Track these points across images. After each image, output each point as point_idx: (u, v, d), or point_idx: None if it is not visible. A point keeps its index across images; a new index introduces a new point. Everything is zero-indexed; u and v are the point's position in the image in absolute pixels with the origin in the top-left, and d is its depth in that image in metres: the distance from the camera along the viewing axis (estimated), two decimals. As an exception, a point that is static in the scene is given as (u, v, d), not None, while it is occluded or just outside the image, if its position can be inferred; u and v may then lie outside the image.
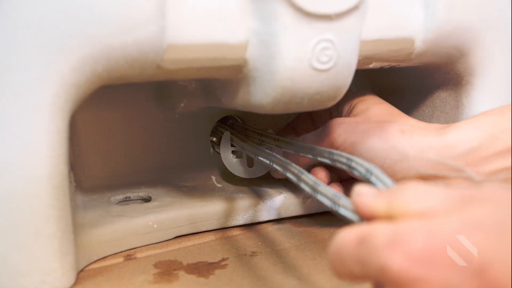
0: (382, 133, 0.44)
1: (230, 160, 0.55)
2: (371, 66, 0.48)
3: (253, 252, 0.47)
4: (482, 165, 0.41)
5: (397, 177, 0.43)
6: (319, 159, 0.42)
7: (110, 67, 0.36)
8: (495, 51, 0.50)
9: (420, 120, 0.55)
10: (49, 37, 0.34)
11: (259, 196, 0.53)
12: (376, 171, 0.33)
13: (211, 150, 0.58)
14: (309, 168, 0.49)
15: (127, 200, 0.53)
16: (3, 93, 0.35)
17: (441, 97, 0.54)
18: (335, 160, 0.40)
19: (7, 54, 0.35)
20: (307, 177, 0.39)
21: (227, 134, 0.54)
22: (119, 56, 0.36)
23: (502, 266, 0.22)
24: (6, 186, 0.36)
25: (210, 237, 0.50)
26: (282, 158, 0.43)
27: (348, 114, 0.49)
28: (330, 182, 0.49)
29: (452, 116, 0.52)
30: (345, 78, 0.40)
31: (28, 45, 0.34)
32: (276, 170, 0.53)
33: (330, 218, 0.53)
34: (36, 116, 0.35)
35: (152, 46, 0.36)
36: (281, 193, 0.54)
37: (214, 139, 0.58)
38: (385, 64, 0.48)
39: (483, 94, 0.51)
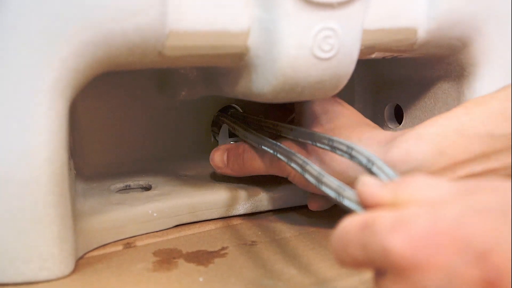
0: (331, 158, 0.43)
1: None
2: (373, 56, 0.48)
3: (253, 241, 0.47)
4: None
5: None
6: (318, 145, 0.42)
7: (111, 52, 0.36)
8: (497, 42, 0.50)
9: (422, 112, 0.55)
10: (50, 21, 0.34)
11: (260, 186, 0.53)
12: (378, 161, 0.33)
13: (212, 139, 0.58)
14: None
15: (127, 189, 0.53)
16: (3, 78, 0.35)
17: (443, 88, 0.53)
18: (335, 148, 0.39)
19: (7, 37, 0.34)
20: (312, 167, 0.38)
21: (224, 127, 0.54)
22: (120, 41, 0.36)
23: (504, 251, 0.22)
24: (6, 171, 0.36)
25: (210, 226, 0.50)
26: (286, 148, 0.43)
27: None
28: None
29: (454, 108, 0.52)
30: (347, 67, 0.40)
31: (29, 29, 0.34)
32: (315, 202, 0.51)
33: (331, 208, 0.53)
34: (36, 101, 0.35)
35: (154, 32, 0.36)
36: (282, 183, 0.54)
37: (215, 128, 0.58)
38: (387, 54, 0.48)
39: (485, 86, 0.51)
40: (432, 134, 0.39)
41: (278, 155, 0.44)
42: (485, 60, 0.50)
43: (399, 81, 0.57)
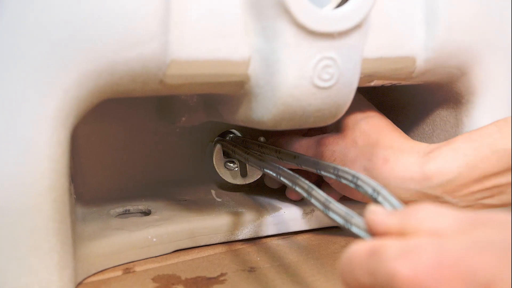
0: (368, 163, 0.47)
1: (225, 171, 0.56)
2: (372, 84, 0.48)
3: (252, 267, 0.47)
4: (459, 191, 0.44)
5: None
6: (324, 173, 0.42)
7: (113, 81, 0.36)
8: (495, 70, 0.51)
9: (420, 138, 0.55)
10: (52, 51, 0.35)
11: (260, 211, 0.53)
12: (383, 191, 0.34)
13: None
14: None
15: (126, 213, 0.53)
16: (5, 106, 0.35)
17: (441, 116, 0.54)
18: (340, 176, 0.39)
19: (10, 67, 0.35)
20: (318, 193, 0.38)
21: (218, 147, 0.55)
22: (122, 71, 0.36)
23: (507, 283, 0.22)
24: (7, 199, 0.36)
25: (209, 251, 0.50)
26: (291, 172, 0.42)
27: (336, 124, 0.50)
28: None
29: (452, 135, 0.52)
30: (346, 96, 0.40)
31: (32, 59, 0.35)
32: (293, 191, 0.52)
33: (330, 234, 0.53)
34: (38, 129, 0.36)
35: (155, 62, 0.37)
36: (282, 208, 0.54)
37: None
38: (386, 82, 0.49)
39: (483, 113, 0.51)
40: (467, 148, 0.44)
41: (282, 179, 0.44)
42: (483, 88, 0.50)
43: (398, 108, 0.57)
